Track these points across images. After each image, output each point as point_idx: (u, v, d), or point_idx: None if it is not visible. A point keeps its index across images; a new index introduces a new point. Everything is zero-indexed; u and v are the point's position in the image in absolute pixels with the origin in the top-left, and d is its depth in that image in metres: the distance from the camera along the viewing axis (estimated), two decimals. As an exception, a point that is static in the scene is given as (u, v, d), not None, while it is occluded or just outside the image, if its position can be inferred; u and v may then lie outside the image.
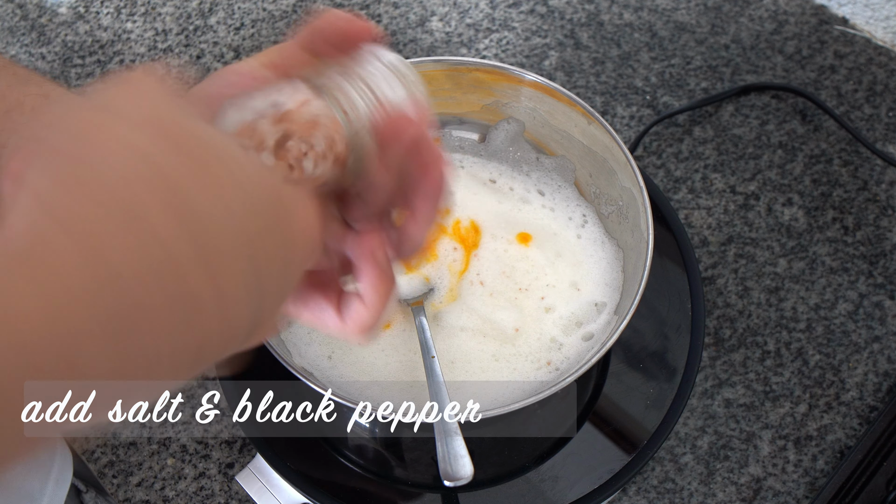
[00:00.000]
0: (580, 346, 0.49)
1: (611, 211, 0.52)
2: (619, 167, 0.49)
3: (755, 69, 0.72)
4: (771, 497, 0.57)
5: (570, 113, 0.51)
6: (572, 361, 0.48)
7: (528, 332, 0.49)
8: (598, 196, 0.53)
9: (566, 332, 0.49)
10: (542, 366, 0.48)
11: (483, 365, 0.48)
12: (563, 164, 0.54)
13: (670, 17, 0.75)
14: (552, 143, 0.54)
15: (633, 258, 0.49)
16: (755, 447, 0.58)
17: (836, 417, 0.59)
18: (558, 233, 0.53)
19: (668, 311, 0.54)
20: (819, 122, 0.70)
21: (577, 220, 0.54)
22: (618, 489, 0.49)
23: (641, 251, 0.46)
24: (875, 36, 0.75)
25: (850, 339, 0.62)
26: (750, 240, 0.65)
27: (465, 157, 0.56)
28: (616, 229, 0.52)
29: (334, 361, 0.48)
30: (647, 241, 0.46)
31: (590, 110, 0.49)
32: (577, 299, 0.51)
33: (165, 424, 0.60)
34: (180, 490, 0.58)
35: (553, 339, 0.49)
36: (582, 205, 0.54)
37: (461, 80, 0.52)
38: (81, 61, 0.74)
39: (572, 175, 0.54)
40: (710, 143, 0.69)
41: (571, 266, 0.52)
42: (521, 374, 0.48)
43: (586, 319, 0.50)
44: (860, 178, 0.67)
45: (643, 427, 0.50)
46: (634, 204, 0.48)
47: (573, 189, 0.54)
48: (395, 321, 0.50)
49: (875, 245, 0.65)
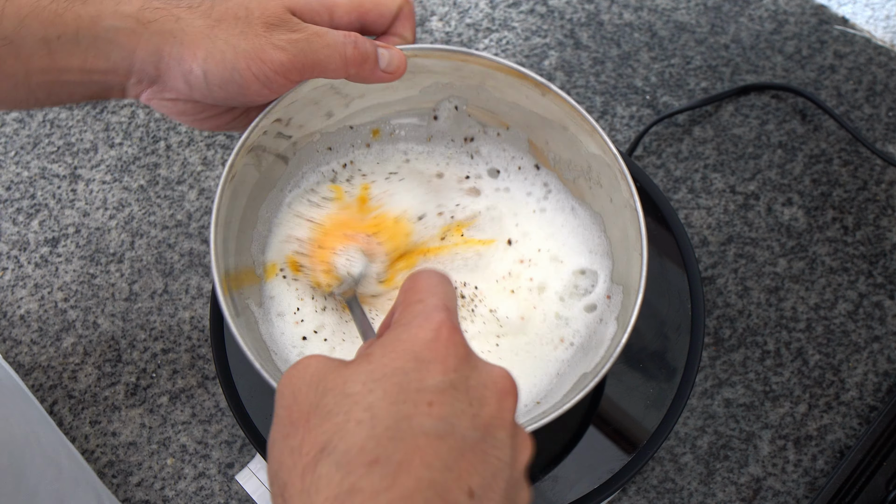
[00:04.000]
0: (586, 318, 0.49)
1: (575, 176, 0.50)
2: (584, 135, 0.47)
3: (755, 69, 0.72)
4: (771, 497, 0.57)
5: (520, 86, 0.48)
6: (584, 335, 0.48)
7: (532, 316, 0.49)
8: (559, 162, 0.51)
9: (567, 307, 0.49)
10: (557, 345, 0.48)
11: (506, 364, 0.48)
12: (515, 135, 0.52)
13: (670, 16, 0.75)
14: (501, 115, 0.52)
15: (619, 223, 0.47)
16: (755, 447, 0.58)
17: (835, 417, 0.59)
18: (518, 212, 0.51)
19: (668, 310, 0.54)
20: (819, 121, 0.70)
21: (537, 194, 0.52)
22: (618, 489, 0.49)
23: (627, 217, 0.45)
24: (875, 36, 0.75)
25: (850, 338, 0.62)
26: (750, 240, 0.65)
27: (409, 147, 0.53)
28: (587, 195, 0.50)
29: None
30: (634, 206, 0.44)
31: (542, 81, 0.47)
32: (564, 270, 0.50)
33: (165, 424, 0.60)
34: (180, 490, 0.58)
35: (558, 316, 0.49)
36: (542, 174, 0.52)
37: None
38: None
39: (526, 144, 0.52)
40: (710, 143, 0.69)
41: (544, 240, 0.50)
42: (541, 360, 0.48)
43: (582, 290, 0.49)
44: (860, 177, 0.67)
45: (643, 427, 0.50)
46: (609, 171, 0.47)
47: (530, 157, 0.52)
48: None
49: (875, 245, 0.65)
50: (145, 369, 0.62)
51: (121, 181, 0.69)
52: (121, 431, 0.60)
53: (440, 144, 0.53)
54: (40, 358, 0.63)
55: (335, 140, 0.51)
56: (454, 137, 0.53)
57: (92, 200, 0.68)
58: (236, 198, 0.45)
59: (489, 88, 0.49)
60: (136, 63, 0.40)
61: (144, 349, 0.62)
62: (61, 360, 0.62)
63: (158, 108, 0.43)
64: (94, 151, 0.70)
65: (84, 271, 0.65)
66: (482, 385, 0.29)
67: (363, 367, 0.29)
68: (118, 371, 0.62)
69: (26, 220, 0.68)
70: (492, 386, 0.29)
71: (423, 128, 0.52)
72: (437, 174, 0.52)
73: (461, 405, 0.28)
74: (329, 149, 0.51)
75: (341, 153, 0.51)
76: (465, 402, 0.28)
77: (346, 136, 0.51)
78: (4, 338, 0.63)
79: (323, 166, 0.51)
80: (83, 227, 0.67)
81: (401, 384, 0.28)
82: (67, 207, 0.68)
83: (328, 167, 0.51)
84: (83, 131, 0.71)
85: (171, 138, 0.71)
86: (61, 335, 0.63)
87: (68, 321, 0.64)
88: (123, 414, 0.60)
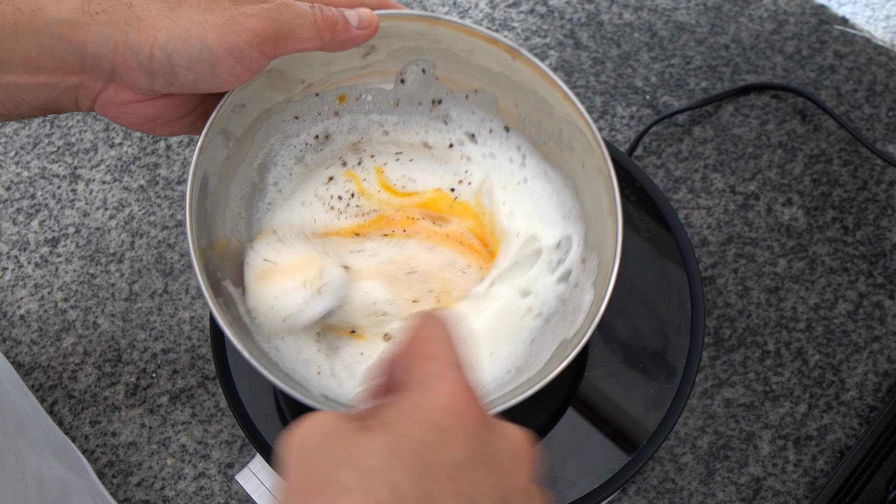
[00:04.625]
0: (556, 289, 0.47)
1: (546, 139, 0.49)
2: (556, 100, 0.46)
3: (755, 69, 0.72)
4: (771, 497, 0.57)
5: (490, 50, 0.47)
6: (554, 306, 0.46)
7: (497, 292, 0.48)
8: (529, 124, 0.50)
9: (535, 280, 0.48)
10: (524, 314, 0.47)
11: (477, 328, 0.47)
12: (483, 98, 0.50)
13: (670, 16, 0.75)
14: (468, 78, 0.50)
15: (592, 189, 0.46)
16: (755, 447, 0.58)
17: (835, 417, 0.59)
18: (506, 185, 0.50)
19: (667, 311, 0.54)
20: (819, 121, 0.70)
21: (517, 160, 0.50)
22: (618, 489, 0.49)
23: (601, 183, 0.44)
24: (875, 36, 0.75)
25: (850, 338, 0.62)
26: (750, 240, 0.65)
27: (384, 118, 0.51)
28: (557, 157, 0.49)
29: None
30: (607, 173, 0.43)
31: (513, 46, 0.45)
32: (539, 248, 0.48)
33: (165, 424, 0.60)
34: (180, 490, 0.58)
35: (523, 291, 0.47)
36: (512, 136, 0.51)
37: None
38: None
39: (495, 106, 0.51)
40: (710, 143, 0.69)
41: (525, 219, 0.49)
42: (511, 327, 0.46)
43: (555, 263, 0.48)
44: (860, 177, 0.67)
45: (643, 427, 0.50)
46: (581, 136, 0.46)
47: (499, 119, 0.51)
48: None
49: (875, 245, 0.65)
50: (145, 369, 0.62)
51: (121, 181, 0.69)
52: (121, 431, 0.60)
53: (409, 109, 0.51)
54: (40, 358, 0.63)
55: (301, 109, 0.49)
56: (422, 101, 0.51)
57: (92, 200, 0.68)
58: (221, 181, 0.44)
59: (457, 52, 0.48)
60: (87, 58, 0.37)
61: (144, 349, 0.62)
62: (61, 360, 0.62)
63: (114, 116, 0.40)
64: (94, 151, 0.70)
65: (84, 271, 0.65)
66: (500, 451, 0.28)
67: (381, 437, 0.26)
68: (118, 371, 0.62)
69: (26, 220, 0.68)
70: (509, 450, 0.29)
71: (391, 92, 0.51)
72: (423, 143, 0.51)
73: (481, 476, 0.27)
74: (296, 118, 0.49)
75: (309, 122, 0.50)
76: (484, 472, 0.27)
77: (313, 103, 0.49)
78: (4, 338, 0.63)
79: (293, 139, 0.49)
80: (83, 227, 0.67)
81: (423, 459, 0.26)
82: (67, 207, 0.68)
83: (298, 139, 0.50)
84: (83, 131, 0.71)
85: (171, 138, 0.71)
86: (61, 335, 0.63)
87: (68, 321, 0.64)
88: (123, 414, 0.60)
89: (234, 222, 0.47)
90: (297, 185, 0.49)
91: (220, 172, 0.45)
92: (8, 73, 0.36)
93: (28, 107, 0.38)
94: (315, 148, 0.50)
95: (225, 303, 0.43)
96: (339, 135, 0.50)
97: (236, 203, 0.47)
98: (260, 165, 0.48)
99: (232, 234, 0.46)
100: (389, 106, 0.51)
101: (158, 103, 0.40)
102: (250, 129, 0.47)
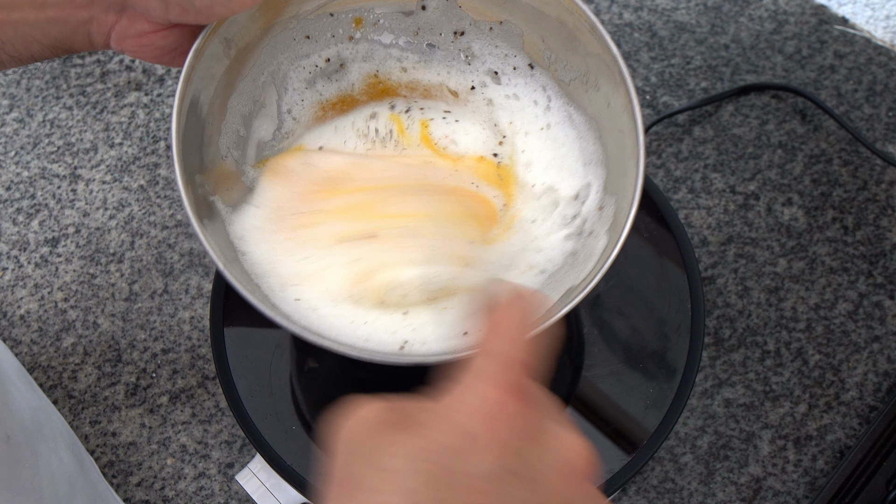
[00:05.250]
0: (563, 245, 0.44)
1: (572, 78, 0.46)
2: (584, 32, 0.43)
3: (755, 69, 0.72)
4: (771, 497, 0.57)
5: None
6: (559, 263, 0.43)
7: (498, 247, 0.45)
8: (555, 62, 0.46)
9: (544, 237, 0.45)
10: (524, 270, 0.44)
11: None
12: (508, 30, 0.47)
13: (670, 16, 0.75)
14: (493, 7, 0.47)
15: (615, 130, 0.44)
16: (755, 447, 0.58)
17: (835, 417, 0.59)
18: (529, 131, 0.47)
19: (668, 310, 0.54)
20: (819, 121, 0.70)
21: (541, 103, 0.47)
22: (618, 489, 0.49)
23: (625, 122, 0.41)
24: (875, 36, 0.75)
25: (850, 338, 0.62)
26: (750, 240, 0.65)
27: (403, 55, 0.48)
28: (582, 98, 0.46)
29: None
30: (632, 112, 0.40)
31: None
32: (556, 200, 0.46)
33: (165, 424, 0.60)
34: (180, 490, 0.58)
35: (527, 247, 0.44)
36: (537, 75, 0.47)
37: None
38: (81, 61, 0.74)
39: (520, 41, 0.47)
40: (710, 143, 0.69)
41: (543, 170, 0.46)
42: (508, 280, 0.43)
43: (570, 217, 0.45)
44: (860, 178, 0.67)
45: (643, 427, 0.50)
46: (608, 73, 0.43)
47: (523, 55, 0.48)
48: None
49: (875, 245, 0.65)
50: (145, 369, 0.62)
51: (121, 181, 0.69)
52: (121, 431, 0.60)
53: (429, 40, 0.48)
54: (40, 358, 0.63)
55: (314, 28, 0.46)
56: (443, 31, 0.48)
57: (92, 200, 0.68)
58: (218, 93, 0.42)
59: None
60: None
61: (144, 349, 0.62)
62: (61, 360, 0.62)
63: (132, 49, 0.38)
64: (94, 151, 0.70)
65: (84, 271, 0.65)
66: (543, 463, 0.26)
67: (410, 438, 0.25)
68: (118, 371, 0.62)
69: (26, 220, 0.68)
70: (557, 465, 0.26)
71: (411, 18, 0.47)
72: (446, 87, 0.48)
73: (512, 489, 0.25)
74: (307, 37, 0.46)
75: (322, 43, 0.47)
76: (516, 485, 0.25)
77: (327, 23, 0.46)
78: (4, 338, 0.63)
79: (303, 60, 0.47)
80: (83, 227, 0.67)
81: (445, 465, 0.24)
82: (67, 207, 0.68)
83: (309, 60, 0.47)
84: (83, 131, 0.71)
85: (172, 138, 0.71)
86: (61, 335, 0.63)
87: (68, 321, 0.64)
88: (123, 414, 0.60)
89: (232, 139, 0.44)
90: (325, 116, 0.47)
91: (218, 82, 0.42)
92: (14, 10, 0.35)
93: (39, 46, 0.37)
94: (327, 74, 0.47)
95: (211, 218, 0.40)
96: (353, 62, 0.47)
97: (236, 119, 0.44)
98: (265, 84, 0.46)
99: (227, 151, 0.44)
100: (409, 35, 0.48)
101: (175, 32, 0.38)
102: (256, 40, 0.44)
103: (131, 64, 0.74)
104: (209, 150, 0.42)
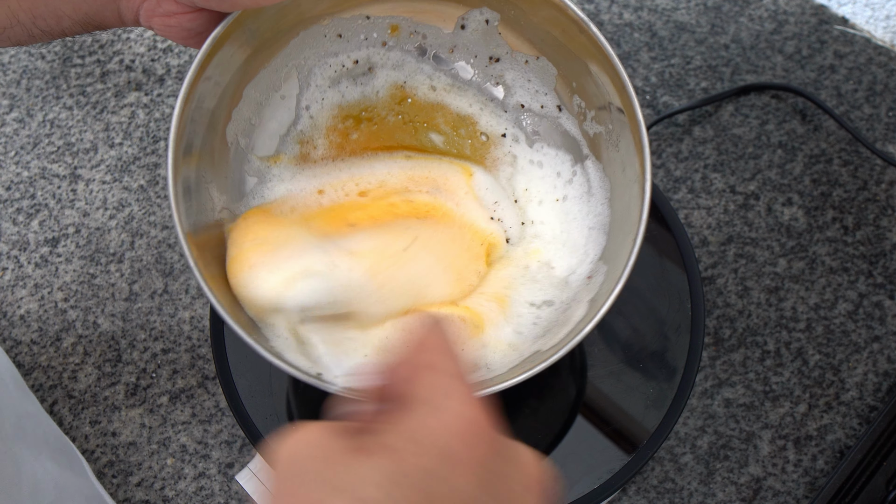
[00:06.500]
0: (539, 312, 0.43)
1: (598, 131, 0.45)
2: (610, 90, 0.42)
3: (755, 69, 0.72)
4: (771, 497, 0.57)
5: (558, 17, 0.42)
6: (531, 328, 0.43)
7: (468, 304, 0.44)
8: (583, 111, 0.46)
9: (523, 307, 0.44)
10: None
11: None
12: (544, 67, 0.46)
13: (670, 16, 0.75)
14: (530, 42, 0.46)
15: (624, 198, 0.43)
16: (755, 447, 0.58)
17: (835, 417, 0.59)
18: (543, 200, 0.46)
19: (667, 311, 0.54)
20: (819, 121, 0.70)
21: (565, 174, 0.46)
22: (618, 489, 0.49)
23: (635, 193, 0.41)
24: (875, 36, 0.75)
25: (850, 338, 0.62)
26: (750, 240, 0.65)
27: (435, 76, 0.47)
28: (602, 155, 0.45)
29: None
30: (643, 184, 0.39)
31: (581, 18, 0.41)
32: (549, 277, 0.44)
33: (165, 424, 0.60)
34: (180, 490, 0.58)
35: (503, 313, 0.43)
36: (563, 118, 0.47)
37: None
38: (81, 61, 0.74)
39: (553, 80, 0.46)
40: (710, 143, 0.69)
41: (546, 244, 0.45)
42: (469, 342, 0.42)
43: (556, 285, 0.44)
44: (860, 178, 0.67)
45: (643, 427, 0.50)
46: (627, 137, 0.42)
47: (554, 95, 0.47)
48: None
49: (875, 245, 0.65)
50: (145, 369, 0.62)
51: (121, 181, 0.69)
52: (121, 431, 0.60)
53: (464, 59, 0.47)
54: (40, 358, 0.63)
55: (347, 27, 0.45)
56: (479, 53, 0.47)
57: (92, 200, 0.68)
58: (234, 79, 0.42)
59: (524, 9, 0.44)
60: None
61: (144, 349, 0.62)
62: (61, 360, 0.62)
63: (160, 28, 0.38)
64: (94, 151, 0.70)
65: (84, 271, 0.65)
66: (512, 480, 0.26)
67: (381, 462, 0.24)
68: (118, 371, 0.62)
69: (26, 220, 0.68)
70: (521, 480, 0.26)
71: (448, 36, 0.47)
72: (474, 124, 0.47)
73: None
74: (339, 36, 0.45)
75: (353, 45, 0.46)
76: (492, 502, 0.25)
77: (361, 25, 0.45)
78: (4, 338, 0.63)
79: (331, 58, 0.46)
80: (83, 227, 0.67)
81: (425, 490, 0.23)
82: (67, 207, 0.68)
83: (336, 59, 0.46)
84: (83, 131, 0.71)
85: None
86: (61, 335, 0.63)
87: (68, 321, 0.64)
88: (123, 414, 0.60)
89: (242, 126, 0.44)
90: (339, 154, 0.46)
91: (236, 70, 0.42)
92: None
93: (70, 21, 0.37)
94: (353, 76, 0.46)
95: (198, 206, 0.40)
96: (382, 68, 0.47)
97: (250, 107, 0.44)
98: (288, 74, 0.45)
99: (235, 137, 0.43)
100: (444, 51, 0.47)
101: (203, 16, 0.38)
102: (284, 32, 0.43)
103: (131, 64, 0.74)
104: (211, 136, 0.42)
